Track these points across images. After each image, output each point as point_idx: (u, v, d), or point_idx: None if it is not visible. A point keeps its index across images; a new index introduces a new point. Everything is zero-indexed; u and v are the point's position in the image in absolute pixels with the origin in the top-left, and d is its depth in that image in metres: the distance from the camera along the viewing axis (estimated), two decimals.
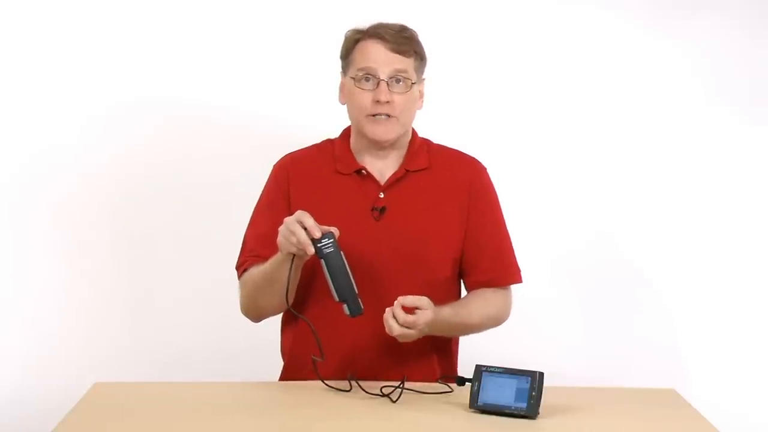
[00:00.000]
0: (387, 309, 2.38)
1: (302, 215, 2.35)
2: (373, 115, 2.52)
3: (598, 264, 3.47)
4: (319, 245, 2.34)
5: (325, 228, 2.35)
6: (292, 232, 2.35)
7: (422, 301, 2.40)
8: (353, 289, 2.36)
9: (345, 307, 2.37)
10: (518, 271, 2.65)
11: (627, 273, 3.48)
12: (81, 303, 3.37)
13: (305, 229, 2.34)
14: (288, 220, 2.37)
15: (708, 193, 3.49)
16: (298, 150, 2.67)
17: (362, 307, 2.37)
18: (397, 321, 2.37)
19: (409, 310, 2.39)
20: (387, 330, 2.39)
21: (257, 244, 2.55)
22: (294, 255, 2.38)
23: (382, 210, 2.55)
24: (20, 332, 3.35)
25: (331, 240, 2.34)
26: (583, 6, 3.44)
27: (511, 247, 2.65)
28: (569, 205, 3.47)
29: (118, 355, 3.34)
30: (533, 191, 3.44)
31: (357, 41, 2.54)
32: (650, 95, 3.47)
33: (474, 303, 2.58)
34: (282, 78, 3.38)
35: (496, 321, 2.63)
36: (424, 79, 2.60)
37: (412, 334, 2.40)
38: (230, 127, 3.38)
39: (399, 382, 2.34)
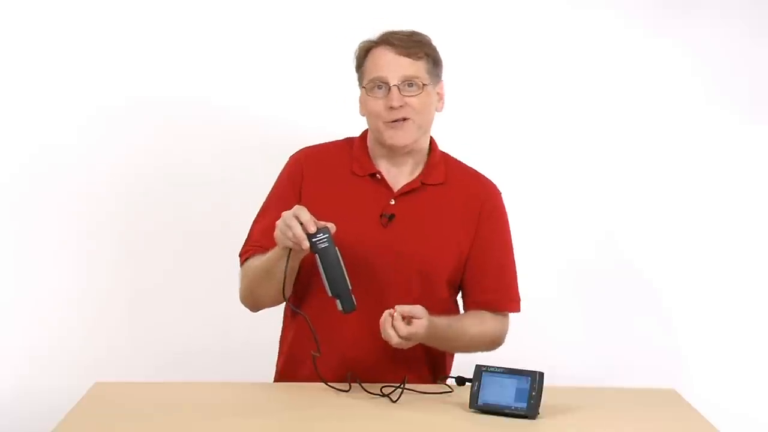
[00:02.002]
0: (385, 317, 2.37)
1: (299, 210, 2.35)
2: (392, 122, 2.51)
3: (598, 264, 3.47)
4: (314, 240, 2.34)
5: (321, 223, 2.35)
6: (288, 226, 2.35)
7: (417, 309, 2.39)
8: (347, 285, 2.36)
9: (338, 302, 2.37)
10: (518, 299, 2.63)
11: (627, 273, 3.48)
12: (81, 303, 3.37)
13: (301, 223, 2.34)
14: (285, 214, 2.36)
15: (708, 193, 3.49)
16: (317, 145, 2.66)
17: (355, 303, 2.37)
18: (397, 332, 2.37)
19: (405, 318, 2.38)
20: (384, 338, 2.38)
21: (262, 236, 2.55)
22: (290, 249, 2.38)
23: (391, 217, 2.54)
24: (20, 332, 3.35)
25: (326, 235, 2.34)
26: (583, 6, 3.44)
27: (515, 275, 2.64)
28: (569, 205, 3.46)
29: (118, 355, 3.34)
30: (534, 191, 3.44)
31: (367, 51, 2.54)
32: (650, 95, 3.47)
33: (469, 320, 2.57)
34: (283, 78, 3.37)
35: (490, 344, 2.61)
36: (442, 81, 2.59)
37: (409, 343, 2.40)
38: (231, 128, 3.38)
39: (399, 383, 2.34)
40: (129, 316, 3.39)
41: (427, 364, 2.59)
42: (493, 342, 2.61)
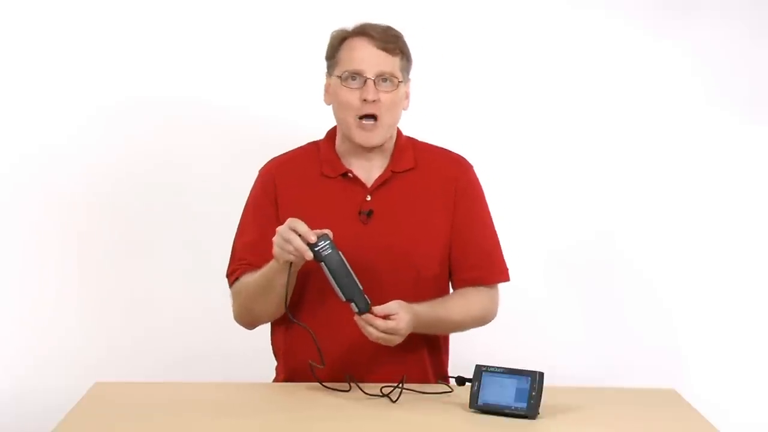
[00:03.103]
0: (358, 322, 2.37)
1: (294, 222, 2.35)
2: (361, 118, 2.50)
3: (598, 264, 3.47)
4: (316, 249, 2.34)
5: (319, 231, 2.35)
6: (288, 241, 2.34)
7: (391, 306, 2.39)
8: (358, 286, 2.36)
9: (353, 305, 2.36)
10: (505, 270, 2.63)
11: (627, 273, 3.48)
12: (81, 303, 3.37)
13: (300, 235, 2.34)
14: (281, 229, 2.36)
15: (708, 193, 3.49)
16: (283, 154, 2.66)
17: (369, 302, 2.36)
18: (377, 329, 2.37)
19: (385, 315, 2.38)
20: (367, 335, 2.38)
21: (247, 252, 2.55)
22: (291, 263, 2.38)
23: (369, 213, 2.54)
24: (20, 332, 3.35)
25: (328, 242, 2.34)
26: (583, 6, 3.44)
27: (498, 245, 2.64)
28: (569, 205, 3.46)
29: (118, 355, 3.34)
30: (533, 191, 3.44)
31: (343, 40, 2.54)
32: (650, 95, 3.47)
33: (454, 301, 2.57)
34: (283, 78, 3.37)
35: (479, 320, 2.61)
36: (410, 80, 2.59)
37: (394, 338, 2.40)
38: (230, 128, 3.38)
39: (398, 382, 2.34)
40: (129, 316, 3.39)
41: (425, 357, 2.59)
42: (484, 318, 2.61)
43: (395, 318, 2.38)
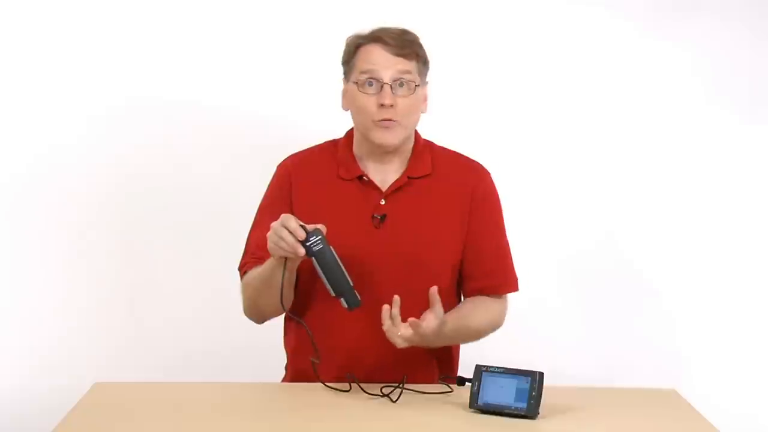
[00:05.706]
0: (386, 320, 2.35)
1: (286, 219, 2.35)
2: (380, 121, 2.50)
3: (599, 264, 3.47)
4: (307, 244, 2.34)
5: (312, 226, 2.35)
6: (280, 237, 2.34)
7: (435, 310, 2.36)
8: (348, 281, 2.36)
9: (342, 300, 2.37)
10: (515, 280, 2.63)
11: (627, 273, 3.48)
12: (81, 303, 3.37)
13: (290, 232, 2.34)
14: (274, 225, 2.36)
15: (708, 193, 3.49)
16: (302, 151, 2.65)
17: (360, 299, 2.36)
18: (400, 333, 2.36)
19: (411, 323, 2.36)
20: (390, 340, 2.37)
21: (259, 246, 2.55)
22: (286, 258, 2.38)
23: (383, 218, 2.53)
24: (20, 332, 3.35)
25: (319, 237, 2.34)
26: (583, 6, 3.44)
27: (510, 255, 2.63)
28: (570, 206, 3.47)
29: (118, 355, 3.35)
30: (535, 192, 3.44)
31: (359, 46, 2.52)
32: (650, 95, 3.47)
33: (470, 310, 2.55)
34: (283, 79, 3.38)
35: (492, 329, 2.61)
36: (427, 83, 2.58)
37: (415, 341, 2.38)
38: (231, 129, 3.38)
39: (399, 383, 2.34)
40: (129, 317, 3.39)
41: (433, 361, 2.58)
42: (495, 325, 2.61)
43: (425, 323, 2.35)
